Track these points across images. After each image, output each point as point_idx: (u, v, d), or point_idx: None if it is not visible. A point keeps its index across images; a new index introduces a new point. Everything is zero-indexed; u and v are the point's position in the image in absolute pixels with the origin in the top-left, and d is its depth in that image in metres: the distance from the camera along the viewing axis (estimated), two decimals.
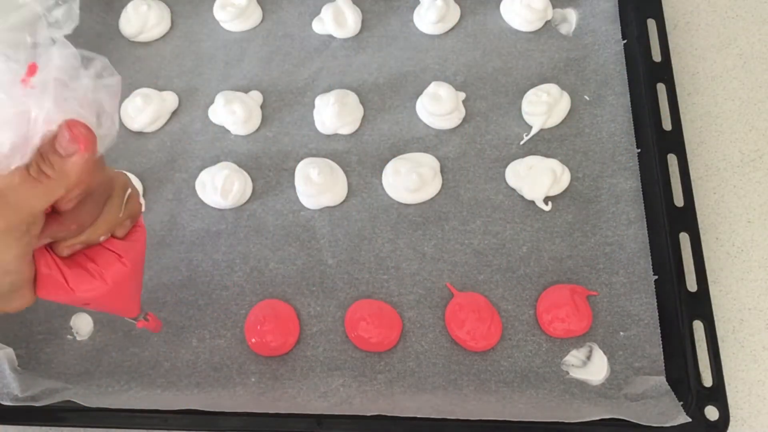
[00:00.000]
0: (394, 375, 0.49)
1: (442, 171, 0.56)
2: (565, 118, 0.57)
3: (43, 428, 0.49)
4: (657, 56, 0.57)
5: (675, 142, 0.54)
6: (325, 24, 0.62)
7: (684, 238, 0.50)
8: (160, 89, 0.61)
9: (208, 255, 0.54)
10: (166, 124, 0.61)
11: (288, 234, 0.54)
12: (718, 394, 0.45)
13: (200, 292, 0.53)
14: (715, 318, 0.48)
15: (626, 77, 0.58)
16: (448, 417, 0.45)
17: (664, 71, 0.57)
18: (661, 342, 0.48)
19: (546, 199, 0.54)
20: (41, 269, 0.32)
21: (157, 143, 0.60)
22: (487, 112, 0.58)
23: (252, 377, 0.50)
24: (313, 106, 0.59)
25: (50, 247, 0.33)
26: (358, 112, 0.59)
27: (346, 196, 0.56)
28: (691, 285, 0.49)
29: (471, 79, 0.60)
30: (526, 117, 0.57)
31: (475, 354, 0.49)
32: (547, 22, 0.62)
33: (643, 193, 0.53)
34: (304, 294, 0.52)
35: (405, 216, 0.55)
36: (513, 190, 0.55)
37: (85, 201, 0.31)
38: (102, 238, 0.34)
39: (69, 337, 0.52)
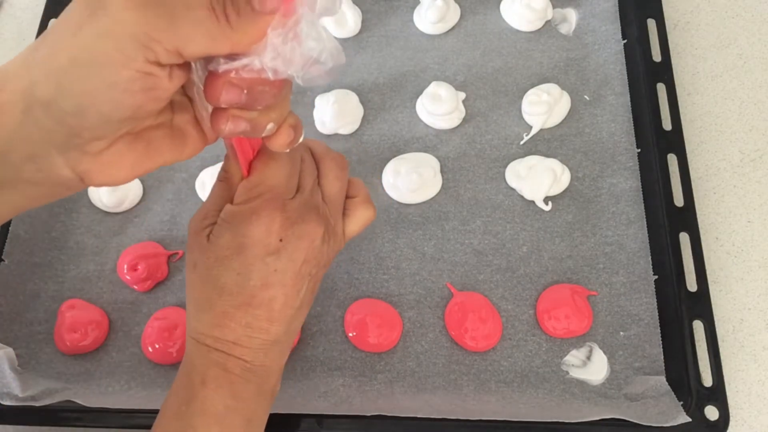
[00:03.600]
0: (394, 375, 0.49)
1: (442, 171, 0.56)
2: (565, 118, 0.57)
3: (43, 428, 0.49)
4: (657, 56, 0.57)
5: (675, 142, 0.54)
6: (325, 24, 0.62)
7: (684, 238, 0.50)
8: None
9: None
10: None
11: None
12: (718, 394, 0.45)
13: None
14: (715, 318, 0.48)
15: (626, 77, 0.58)
16: (448, 417, 0.45)
17: (664, 71, 0.57)
18: (661, 342, 0.49)
19: (546, 199, 0.54)
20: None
21: None
22: (487, 112, 0.58)
23: None
24: (313, 105, 0.59)
25: (216, 116, 0.31)
26: (358, 112, 0.59)
27: None
28: (691, 285, 0.49)
29: (471, 79, 0.60)
30: (526, 117, 0.57)
31: (475, 354, 0.49)
32: (547, 22, 0.62)
33: (643, 193, 0.53)
34: None
35: (405, 216, 0.55)
36: (513, 190, 0.55)
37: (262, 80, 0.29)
38: (269, 127, 0.31)
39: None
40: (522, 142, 0.57)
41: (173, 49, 0.25)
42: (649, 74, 0.57)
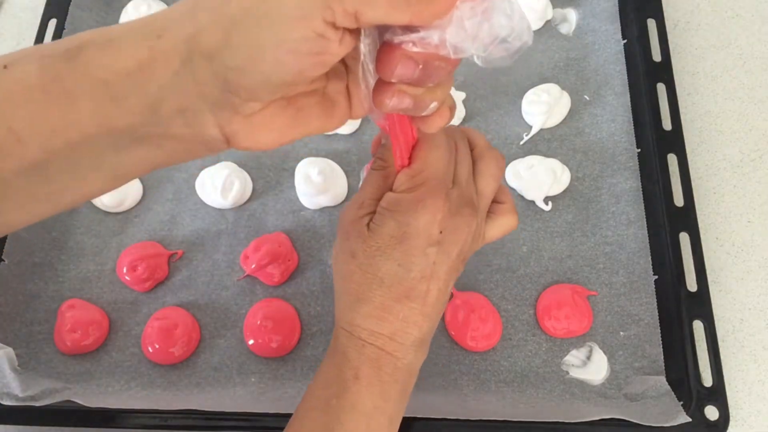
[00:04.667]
0: None
1: None
2: (565, 118, 0.57)
3: (43, 428, 0.49)
4: (657, 56, 0.57)
5: (675, 142, 0.54)
6: None
7: (684, 238, 0.50)
8: None
9: (208, 255, 0.54)
10: None
11: (288, 234, 0.54)
12: (718, 394, 0.45)
13: (200, 292, 0.53)
14: (715, 318, 0.48)
15: (626, 77, 0.58)
16: (448, 417, 0.45)
17: (664, 71, 0.57)
18: (661, 342, 0.49)
19: (546, 199, 0.54)
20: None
21: None
22: (487, 112, 0.58)
23: (252, 377, 0.50)
24: None
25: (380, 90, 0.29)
26: None
27: (346, 196, 0.56)
28: (691, 285, 0.49)
29: (471, 79, 0.60)
30: (526, 117, 0.57)
31: (475, 354, 0.49)
32: (547, 22, 0.62)
33: (643, 193, 0.53)
34: (304, 294, 0.52)
35: None
36: (513, 190, 0.55)
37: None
38: (432, 106, 0.30)
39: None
40: (522, 142, 0.57)
41: (352, 12, 0.24)
42: (649, 74, 0.57)
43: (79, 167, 0.27)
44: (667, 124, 0.55)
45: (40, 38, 0.61)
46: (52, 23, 0.62)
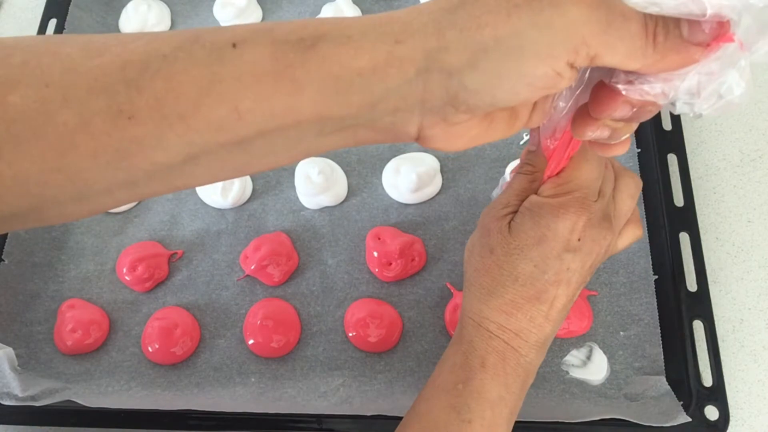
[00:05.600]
0: (394, 375, 0.49)
1: (442, 171, 0.56)
2: None
3: (43, 428, 0.49)
4: None
5: (675, 142, 0.54)
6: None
7: (684, 238, 0.50)
8: None
9: (208, 255, 0.54)
10: None
11: (288, 234, 0.54)
12: (718, 394, 0.45)
13: (200, 292, 0.53)
14: (715, 318, 0.48)
15: None
16: None
17: None
18: (661, 342, 0.49)
19: None
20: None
21: None
22: None
23: (252, 377, 0.50)
24: None
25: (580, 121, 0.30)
26: None
27: (346, 196, 0.56)
28: (691, 285, 0.49)
29: None
30: None
31: None
32: None
33: (643, 193, 0.53)
34: (304, 294, 0.52)
35: (405, 216, 0.55)
36: None
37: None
38: (625, 137, 0.31)
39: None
40: (522, 142, 0.57)
41: (594, 55, 0.25)
42: None
43: (279, 146, 0.28)
44: (667, 124, 0.55)
45: None
46: (52, 23, 0.62)
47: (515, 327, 0.36)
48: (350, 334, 0.50)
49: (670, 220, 0.51)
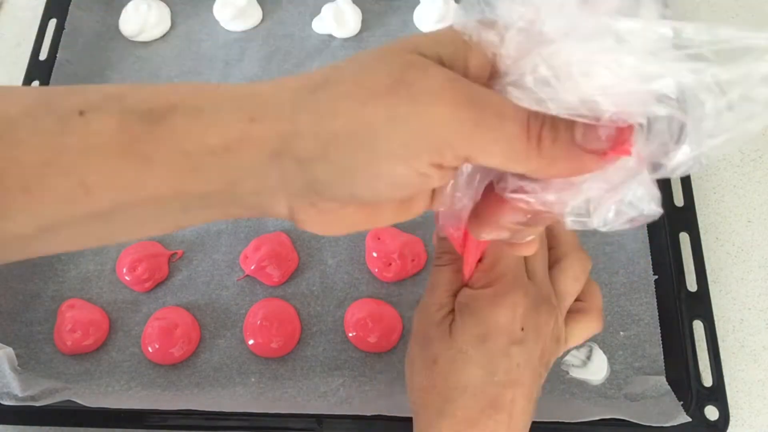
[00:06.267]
0: (394, 375, 0.49)
1: None
2: None
3: (43, 428, 0.49)
4: None
5: None
6: (325, 23, 0.62)
7: (684, 238, 0.50)
8: None
9: (208, 255, 0.54)
10: None
11: (288, 234, 0.54)
12: (718, 394, 0.45)
13: (200, 292, 0.53)
14: (715, 318, 0.48)
15: None
16: None
17: None
18: (661, 342, 0.49)
19: None
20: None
21: None
22: None
23: (252, 377, 0.50)
24: None
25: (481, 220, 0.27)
26: None
27: None
28: (691, 285, 0.49)
29: None
30: None
31: None
32: None
33: None
34: (304, 294, 0.52)
35: None
36: None
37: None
38: (528, 239, 0.28)
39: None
40: None
41: (463, 156, 0.22)
42: None
43: (143, 219, 0.26)
44: None
45: (40, 38, 0.61)
46: (52, 23, 0.62)
47: None
48: (350, 334, 0.50)
49: (670, 220, 0.51)
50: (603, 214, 0.23)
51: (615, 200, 0.23)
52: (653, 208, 0.23)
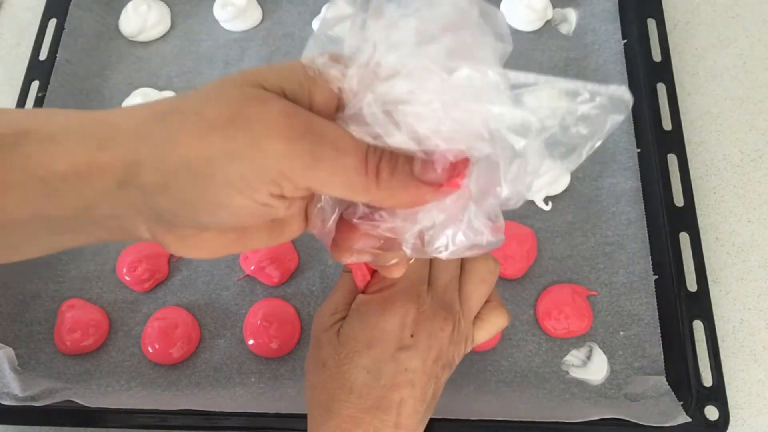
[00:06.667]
0: None
1: None
2: None
3: (43, 428, 0.49)
4: (657, 56, 0.57)
5: (675, 142, 0.54)
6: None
7: (684, 238, 0.50)
8: (160, 89, 0.61)
9: None
10: None
11: None
12: (718, 394, 0.45)
13: (200, 292, 0.53)
14: (715, 318, 0.48)
15: (626, 77, 0.58)
16: (448, 417, 0.45)
17: (664, 71, 0.57)
18: (661, 342, 0.49)
19: (546, 199, 0.54)
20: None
21: None
22: None
23: (252, 377, 0.50)
24: None
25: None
26: None
27: None
28: (691, 285, 0.49)
29: None
30: None
31: (475, 354, 0.49)
32: (547, 22, 0.62)
33: (643, 193, 0.53)
34: (304, 294, 0.52)
35: None
36: None
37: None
38: (393, 262, 0.29)
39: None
40: None
41: (304, 188, 0.23)
42: (649, 74, 0.57)
43: (13, 241, 0.26)
44: (667, 124, 0.55)
45: (40, 38, 0.61)
46: (52, 23, 0.62)
47: None
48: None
49: (670, 220, 0.51)
50: (442, 242, 0.24)
51: (454, 229, 0.24)
52: (495, 238, 0.25)
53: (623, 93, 0.24)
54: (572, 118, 0.23)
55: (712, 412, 0.45)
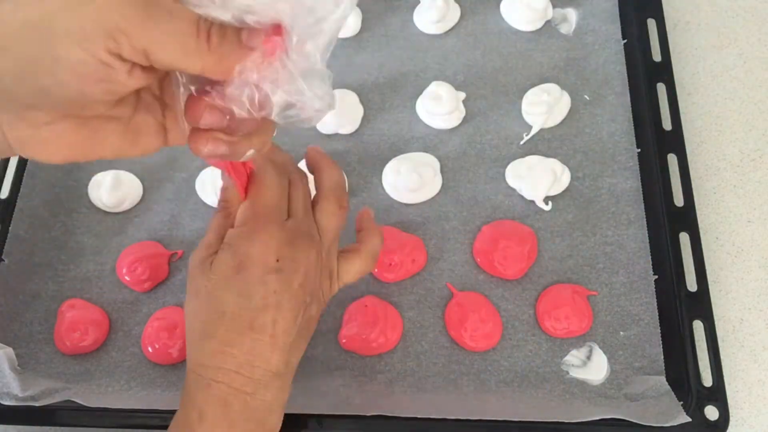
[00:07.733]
0: (394, 375, 0.49)
1: (442, 171, 0.56)
2: (565, 118, 0.57)
3: (43, 428, 0.49)
4: (657, 56, 0.57)
5: (675, 142, 0.54)
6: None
7: (684, 238, 0.50)
8: None
9: None
10: None
11: None
12: (718, 394, 0.45)
13: None
14: (715, 318, 0.48)
15: (626, 77, 0.58)
16: (448, 417, 0.45)
17: (664, 71, 0.57)
18: (661, 342, 0.49)
19: (546, 199, 0.54)
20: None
21: None
22: (487, 111, 0.58)
23: None
24: None
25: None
26: (359, 111, 0.59)
27: None
28: (691, 285, 0.49)
29: (471, 78, 0.60)
30: (526, 117, 0.57)
31: (475, 354, 0.49)
32: (547, 22, 0.62)
33: (643, 193, 0.53)
34: None
35: (405, 216, 0.54)
36: (513, 189, 0.55)
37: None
38: (249, 153, 0.31)
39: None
40: (522, 142, 0.57)
41: (141, 49, 0.24)
42: (649, 74, 0.57)
43: None
44: (667, 124, 0.55)
45: None
46: None
47: (234, 365, 0.35)
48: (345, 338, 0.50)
49: (670, 220, 0.51)
50: (269, 105, 0.27)
51: (280, 92, 0.27)
52: (322, 105, 0.28)
53: None
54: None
55: (712, 412, 0.45)
